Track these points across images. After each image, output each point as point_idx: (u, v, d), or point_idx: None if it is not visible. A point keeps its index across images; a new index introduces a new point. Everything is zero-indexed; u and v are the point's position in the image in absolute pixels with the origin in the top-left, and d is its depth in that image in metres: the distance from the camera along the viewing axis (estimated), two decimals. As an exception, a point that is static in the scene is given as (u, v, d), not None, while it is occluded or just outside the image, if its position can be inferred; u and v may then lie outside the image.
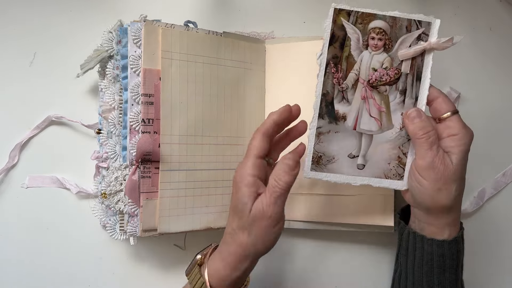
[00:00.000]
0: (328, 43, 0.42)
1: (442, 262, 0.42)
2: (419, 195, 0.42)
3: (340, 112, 0.42)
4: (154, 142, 0.48)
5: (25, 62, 0.56)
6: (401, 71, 0.42)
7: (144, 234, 0.48)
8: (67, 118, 0.55)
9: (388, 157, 0.43)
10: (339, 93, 0.42)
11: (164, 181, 0.49)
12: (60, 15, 0.57)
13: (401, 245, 0.46)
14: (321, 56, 0.42)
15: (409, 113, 0.41)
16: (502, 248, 0.58)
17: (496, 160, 0.59)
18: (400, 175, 0.43)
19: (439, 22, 0.41)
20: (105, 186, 0.50)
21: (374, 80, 0.42)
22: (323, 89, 0.42)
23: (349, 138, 0.43)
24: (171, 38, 0.49)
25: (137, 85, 0.49)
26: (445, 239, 0.42)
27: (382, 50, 0.42)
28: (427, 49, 0.41)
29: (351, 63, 0.42)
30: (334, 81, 0.42)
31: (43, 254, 0.53)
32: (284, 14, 0.60)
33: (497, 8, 0.61)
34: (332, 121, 0.43)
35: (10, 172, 0.54)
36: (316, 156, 0.43)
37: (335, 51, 0.42)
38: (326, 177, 0.43)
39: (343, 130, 0.43)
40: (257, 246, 0.40)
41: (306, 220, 0.54)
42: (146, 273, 0.54)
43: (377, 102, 0.42)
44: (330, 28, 0.41)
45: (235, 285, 0.42)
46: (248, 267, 0.41)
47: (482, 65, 0.60)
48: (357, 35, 0.42)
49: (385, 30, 0.42)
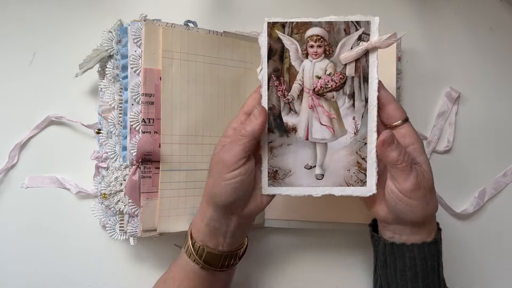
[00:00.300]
0: (267, 57, 0.41)
1: (425, 265, 0.41)
2: (409, 215, 0.41)
3: (289, 124, 0.42)
4: (155, 142, 0.48)
5: (24, 62, 0.55)
6: (346, 75, 0.41)
7: (145, 234, 0.48)
8: (67, 118, 0.55)
9: (346, 163, 0.41)
10: (286, 105, 0.41)
11: (165, 181, 0.49)
12: (60, 14, 0.57)
13: (378, 257, 0.45)
14: (262, 71, 0.41)
15: (384, 139, 0.39)
16: (503, 248, 0.58)
17: (496, 160, 0.59)
18: (362, 181, 0.41)
19: (378, 20, 0.40)
20: (105, 186, 0.50)
21: (320, 88, 0.41)
22: (268, 103, 0.41)
23: (302, 149, 0.42)
24: (171, 37, 0.49)
25: (137, 85, 0.48)
26: (425, 241, 0.42)
27: (323, 56, 0.41)
28: (370, 49, 0.40)
29: (293, 74, 0.41)
30: (279, 94, 0.41)
31: (43, 254, 0.53)
32: (284, 14, 0.60)
33: (497, 8, 0.61)
34: (282, 134, 0.42)
35: (9, 172, 0.54)
36: (271, 171, 0.42)
37: (275, 64, 0.41)
38: (286, 191, 0.42)
39: (296, 142, 0.42)
40: (214, 189, 0.40)
41: (305, 220, 0.54)
42: (146, 274, 0.54)
43: (326, 109, 0.41)
44: (266, 42, 0.41)
45: (212, 238, 0.42)
46: (212, 216, 0.42)
47: (482, 65, 0.60)
48: (295, 45, 0.41)
49: (323, 37, 0.41)
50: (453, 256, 0.58)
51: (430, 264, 0.41)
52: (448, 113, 0.59)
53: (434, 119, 0.59)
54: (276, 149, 0.42)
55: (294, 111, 0.41)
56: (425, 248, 0.41)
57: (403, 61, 0.59)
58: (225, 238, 0.43)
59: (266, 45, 0.41)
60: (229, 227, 0.42)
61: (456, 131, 0.59)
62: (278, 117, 0.41)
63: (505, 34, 0.61)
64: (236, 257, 0.45)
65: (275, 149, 0.42)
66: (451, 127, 0.59)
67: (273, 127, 0.42)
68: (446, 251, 0.57)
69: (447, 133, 0.59)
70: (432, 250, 0.42)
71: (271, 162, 0.42)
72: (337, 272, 0.57)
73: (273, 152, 0.42)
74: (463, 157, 0.59)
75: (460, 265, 0.57)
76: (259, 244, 0.56)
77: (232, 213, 0.42)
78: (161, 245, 0.54)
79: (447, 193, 0.58)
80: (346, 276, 0.56)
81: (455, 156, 0.59)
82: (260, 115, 0.39)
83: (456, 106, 0.59)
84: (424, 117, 0.59)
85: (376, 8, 0.60)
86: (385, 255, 0.43)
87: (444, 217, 0.58)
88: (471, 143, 0.59)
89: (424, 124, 0.59)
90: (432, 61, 0.60)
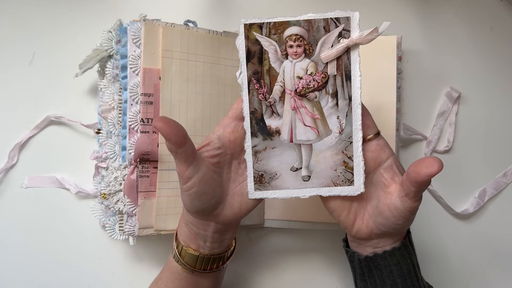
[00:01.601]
0: (245, 60, 0.40)
1: (400, 270, 0.41)
2: (403, 228, 0.40)
3: (272, 127, 0.41)
4: (153, 141, 0.48)
5: (24, 62, 0.55)
6: (328, 74, 0.40)
7: (142, 232, 0.48)
8: (67, 118, 0.55)
9: (333, 163, 0.41)
10: (268, 108, 0.40)
11: (162, 181, 0.49)
12: (60, 14, 0.57)
13: (356, 271, 0.44)
14: (241, 75, 0.40)
15: (439, 166, 0.36)
16: (503, 248, 0.58)
17: (496, 160, 0.59)
18: (350, 180, 0.41)
19: (358, 15, 0.39)
20: (105, 186, 0.50)
21: (302, 88, 0.40)
22: (250, 107, 0.40)
23: (287, 152, 0.41)
24: (171, 37, 0.49)
25: (136, 85, 0.48)
26: (394, 247, 0.41)
27: (304, 56, 0.40)
28: (351, 46, 0.39)
29: (273, 76, 0.40)
30: (260, 97, 0.40)
31: (43, 254, 0.53)
32: (284, 14, 0.60)
33: (497, 8, 0.61)
34: (266, 138, 0.41)
35: (9, 172, 0.54)
36: (257, 175, 0.41)
37: (255, 67, 0.40)
38: (272, 195, 0.41)
39: (280, 145, 0.41)
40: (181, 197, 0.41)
41: (305, 220, 0.54)
42: (146, 274, 0.54)
43: (309, 110, 0.40)
44: (244, 45, 0.40)
45: (192, 240, 0.42)
46: (189, 219, 0.42)
47: (483, 65, 0.60)
48: (274, 46, 0.40)
49: (302, 36, 0.40)
50: (453, 256, 0.57)
51: (405, 267, 0.41)
52: (448, 113, 0.59)
53: (434, 119, 0.59)
54: (261, 153, 0.41)
55: (277, 113, 0.41)
56: (396, 253, 0.41)
57: (403, 61, 0.59)
58: (205, 241, 0.42)
59: (244, 48, 0.40)
60: (206, 231, 0.42)
61: (456, 131, 0.59)
62: (261, 120, 0.41)
63: (505, 34, 0.61)
64: (220, 261, 0.44)
65: (260, 153, 0.41)
66: (451, 127, 0.59)
67: (256, 131, 0.41)
68: (447, 251, 0.58)
69: (447, 133, 0.59)
70: (403, 253, 0.41)
71: (256, 166, 0.41)
72: (337, 272, 0.56)
73: (257, 156, 0.41)
74: (463, 157, 0.59)
75: (460, 265, 0.57)
76: (259, 244, 0.56)
77: (207, 219, 0.41)
78: (160, 246, 0.54)
79: (447, 193, 0.58)
80: (346, 276, 0.56)
81: (455, 156, 0.59)
82: (160, 129, 0.36)
83: (457, 106, 0.59)
84: (424, 117, 0.59)
85: (376, 8, 0.60)
86: (362, 269, 0.43)
87: (445, 217, 0.58)
88: (471, 143, 0.59)
89: (424, 124, 0.59)
90: (433, 61, 0.60)
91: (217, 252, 0.43)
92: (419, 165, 0.36)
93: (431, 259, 0.57)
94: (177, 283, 0.44)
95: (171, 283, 0.44)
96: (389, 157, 0.40)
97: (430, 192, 0.58)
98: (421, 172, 0.36)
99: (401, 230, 0.41)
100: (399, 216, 0.39)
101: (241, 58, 0.40)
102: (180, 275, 0.43)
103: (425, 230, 0.57)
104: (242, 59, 0.40)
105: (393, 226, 0.40)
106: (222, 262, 0.45)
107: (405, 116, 0.58)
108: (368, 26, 0.60)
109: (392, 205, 0.39)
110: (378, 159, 0.40)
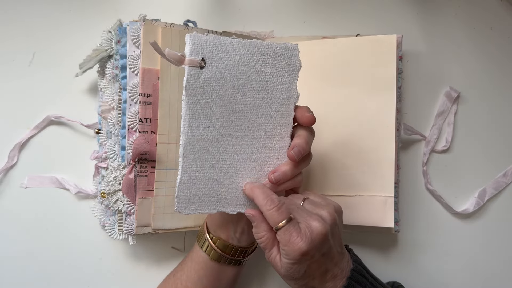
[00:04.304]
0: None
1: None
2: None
3: None
4: (151, 141, 0.48)
5: (24, 62, 0.55)
6: None
7: (139, 230, 0.49)
8: (67, 118, 0.55)
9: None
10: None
11: (160, 180, 0.49)
12: (59, 14, 0.57)
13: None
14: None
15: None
16: (503, 248, 0.58)
17: (496, 160, 0.59)
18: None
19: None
20: (105, 186, 0.50)
21: None
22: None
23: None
24: (171, 37, 0.49)
25: (135, 85, 0.48)
26: (344, 285, 0.39)
27: None
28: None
29: None
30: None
31: (42, 254, 0.53)
32: (284, 13, 0.60)
33: (497, 8, 0.61)
34: None
35: (9, 172, 0.54)
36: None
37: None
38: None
39: None
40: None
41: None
42: (145, 274, 0.54)
43: None
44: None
45: (224, 230, 0.45)
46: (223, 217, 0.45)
47: (482, 65, 0.60)
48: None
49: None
50: (453, 255, 0.57)
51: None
52: (447, 113, 0.59)
53: (433, 119, 0.59)
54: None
55: None
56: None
57: (403, 61, 0.58)
58: (235, 232, 0.45)
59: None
60: (239, 221, 0.45)
61: (455, 131, 0.59)
62: None
63: (505, 34, 0.61)
64: (246, 253, 0.46)
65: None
66: (449, 126, 0.58)
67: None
68: (447, 250, 0.58)
69: (446, 133, 0.59)
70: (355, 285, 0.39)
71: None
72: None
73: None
74: (462, 157, 0.59)
75: (460, 265, 0.57)
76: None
77: (236, 221, 0.45)
78: (160, 245, 0.54)
79: (447, 192, 0.58)
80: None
81: (454, 155, 0.59)
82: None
83: (456, 106, 0.59)
84: (423, 117, 0.59)
85: (376, 8, 0.60)
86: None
87: (445, 216, 0.58)
88: (470, 143, 0.59)
89: (423, 124, 0.59)
90: (432, 61, 0.60)
91: (243, 245, 0.45)
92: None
93: (431, 259, 0.57)
94: (202, 272, 0.45)
95: (195, 273, 0.45)
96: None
97: (430, 191, 0.58)
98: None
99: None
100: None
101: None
102: (206, 265, 0.45)
103: (425, 229, 0.57)
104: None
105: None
106: (248, 254, 0.47)
107: (405, 116, 0.58)
108: (368, 26, 0.60)
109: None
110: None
